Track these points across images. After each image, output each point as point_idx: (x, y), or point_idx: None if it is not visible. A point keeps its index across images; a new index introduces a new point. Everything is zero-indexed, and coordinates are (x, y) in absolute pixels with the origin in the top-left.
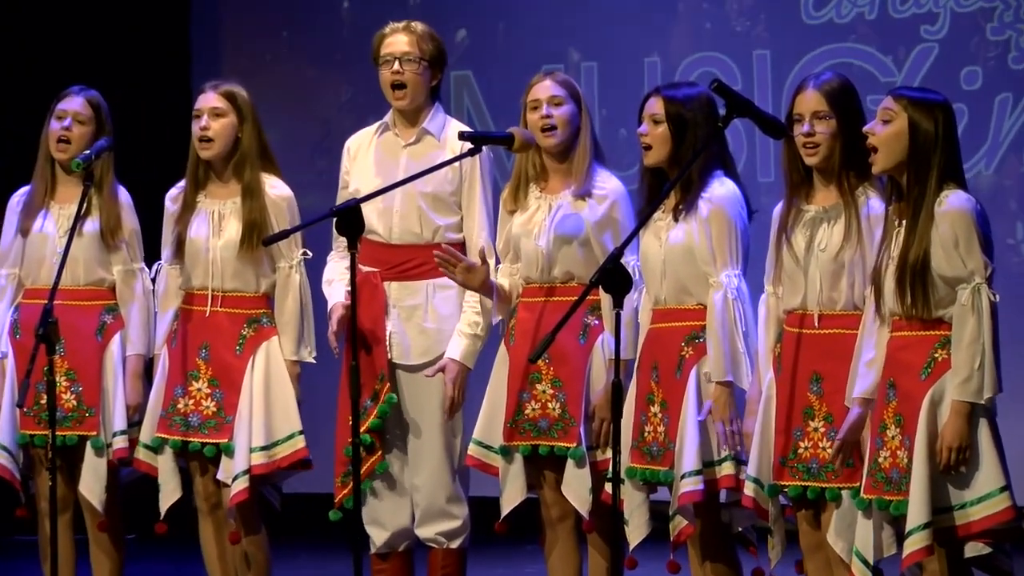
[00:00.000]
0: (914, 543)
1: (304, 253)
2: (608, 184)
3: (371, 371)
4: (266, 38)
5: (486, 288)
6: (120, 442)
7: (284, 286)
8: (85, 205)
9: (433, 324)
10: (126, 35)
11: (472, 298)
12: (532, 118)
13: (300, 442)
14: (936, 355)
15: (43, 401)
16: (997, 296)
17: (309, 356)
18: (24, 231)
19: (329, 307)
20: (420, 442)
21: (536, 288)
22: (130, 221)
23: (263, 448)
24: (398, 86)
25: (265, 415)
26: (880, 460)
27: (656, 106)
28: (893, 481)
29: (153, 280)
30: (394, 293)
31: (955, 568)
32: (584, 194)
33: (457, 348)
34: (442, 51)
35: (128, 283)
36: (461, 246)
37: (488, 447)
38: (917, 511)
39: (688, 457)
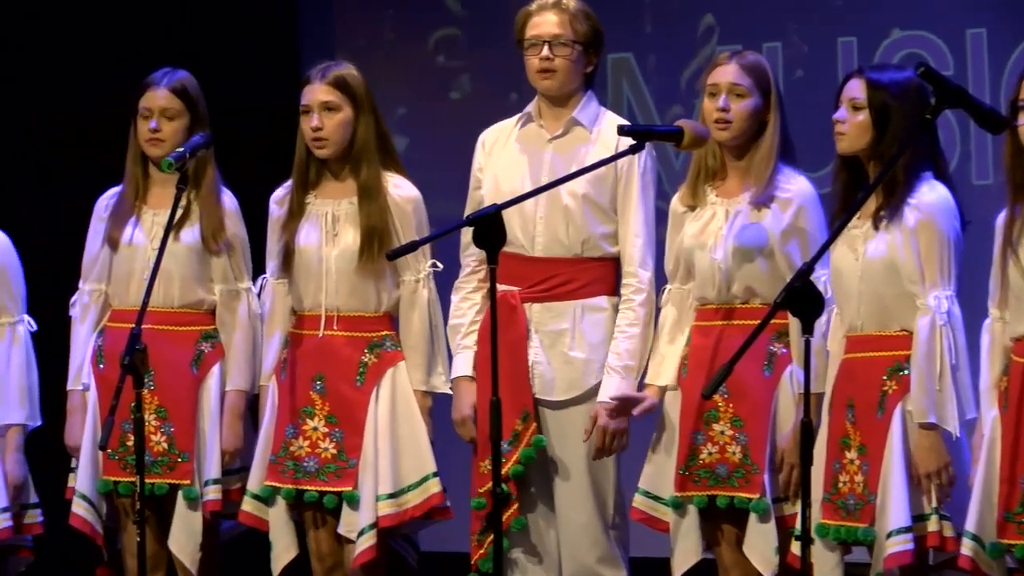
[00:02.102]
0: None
1: (434, 265)
2: (794, 186)
3: (511, 407)
4: (376, 15)
5: None
6: (213, 493)
7: (410, 303)
8: (180, 211)
9: (580, 353)
10: (223, 10)
11: (624, 321)
12: (708, 106)
13: (434, 486)
14: None
15: (130, 443)
16: None
17: (444, 386)
18: (112, 241)
19: (452, 375)
20: (566, 493)
21: (712, 310)
22: (235, 229)
23: (391, 496)
24: (546, 74)
25: (392, 457)
26: None
27: (857, 89)
28: None
29: (258, 298)
30: (536, 316)
31: None
32: (766, 199)
33: (609, 389)
34: (598, 32)
35: (230, 305)
36: (615, 261)
37: (656, 498)
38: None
39: (896, 512)
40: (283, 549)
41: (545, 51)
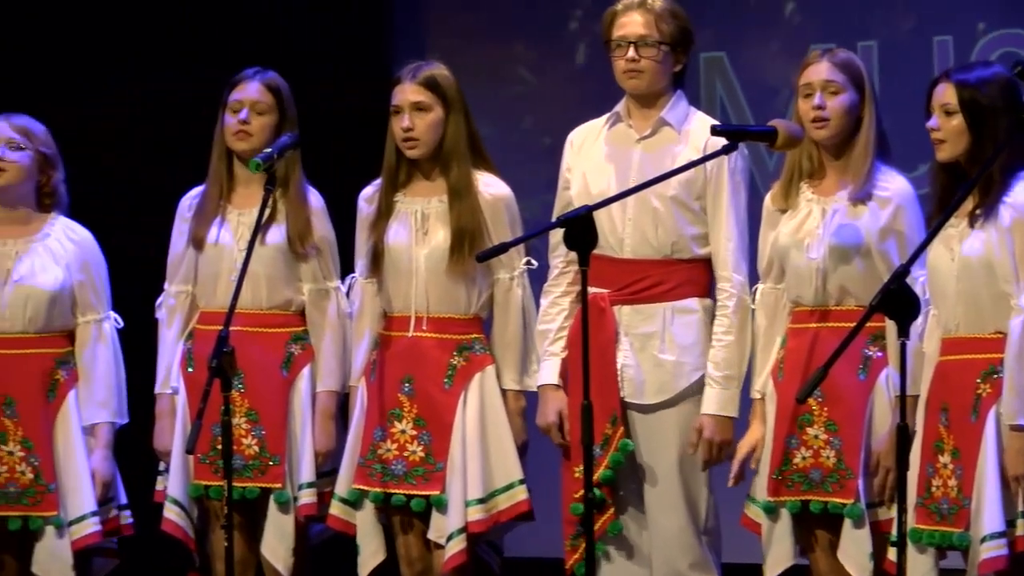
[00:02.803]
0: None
1: (528, 262)
2: (892, 185)
3: (601, 411)
4: (471, 11)
5: None
6: (307, 496)
7: (504, 301)
8: (268, 211)
9: (671, 355)
10: (314, 11)
11: (720, 329)
12: (803, 106)
13: (521, 493)
14: None
15: (220, 447)
16: None
17: (536, 386)
18: (197, 241)
19: (538, 383)
20: (657, 497)
21: (807, 312)
22: (323, 229)
23: (480, 501)
24: (632, 74)
25: (481, 461)
26: None
27: (946, 94)
28: None
29: (347, 298)
30: (625, 319)
31: None
32: (863, 197)
33: (711, 401)
34: (686, 31)
35: (320, 305)
36: (706, 263)
37: (752, 501)
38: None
39: (989, 516)
40: (370, 554)
41: (631, 52)
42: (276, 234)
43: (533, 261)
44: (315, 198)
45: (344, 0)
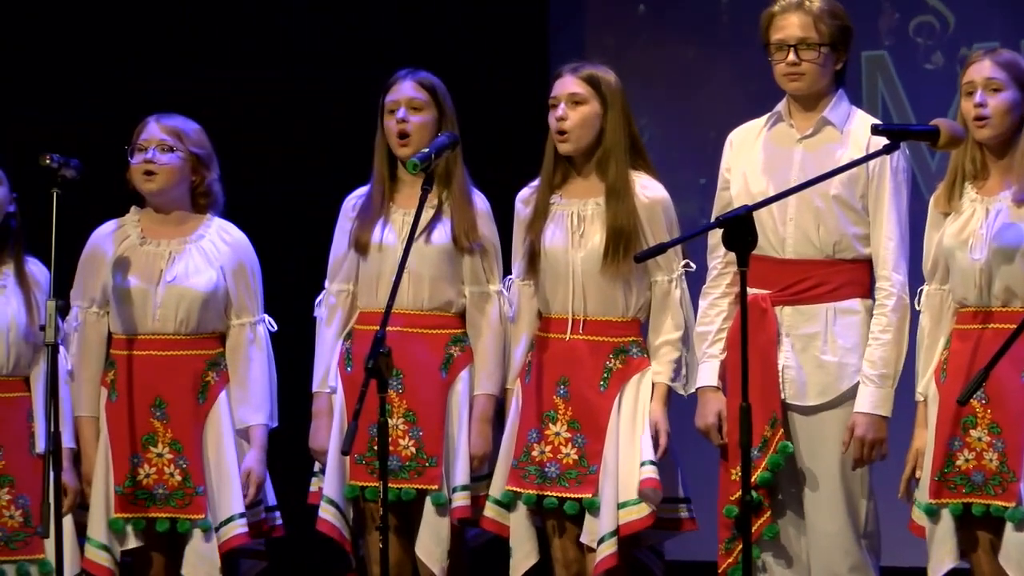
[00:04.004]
0: None
1: (687, 265)
2: None
3: (761, 413)
4: (631, 12)
5: None
6: (461, 499)
7: (662, 304)
8: (432, 211)
9: (833, 357)
10: (471, 10)
11: (877, 327)
12: (965, 105)
13: (684, 511)
14: None
15: (376, 447)
16: None
17: (683, 391)
18: (360, 243)
19: (697, 384)
20: (817, 500)
21: (971, 313)
22: (487, 231)
23: (635, 503)
24: (793, 76)
25: (634, 464)
26: None
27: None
28: None
29: None
30: (787, 319)
31: None
32: None
33: (865, 399)
34: (846, 29)
35: (481, 308)
36: (868, 263)
37: (917, 504)
38: None
39: None
40: (523, 556)
41: (791, 56)
42: (441, 234)
43: (692, 264)
44: (480, 200)
45: (506, 3)
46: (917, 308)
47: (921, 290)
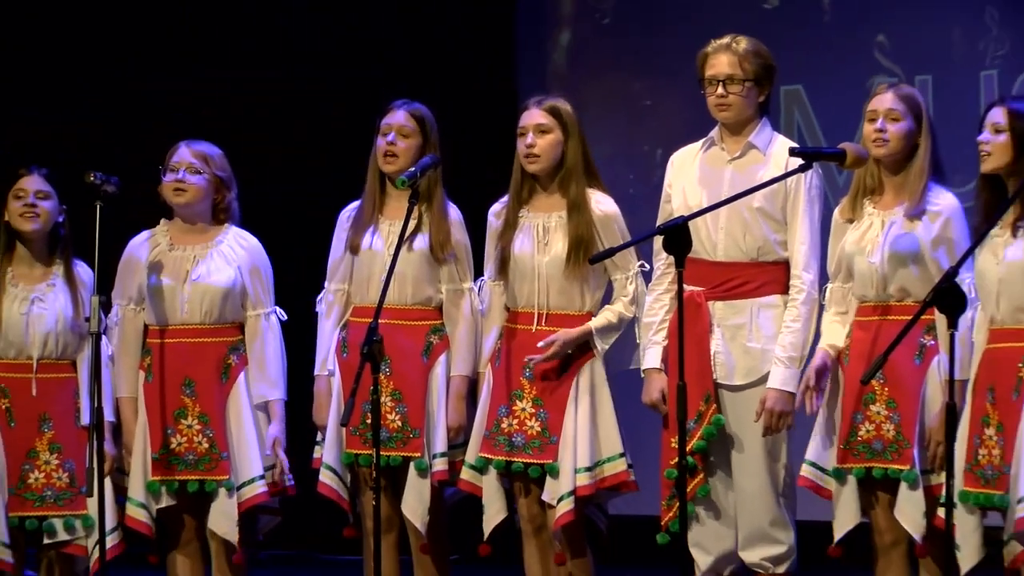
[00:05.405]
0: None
1: (641, 265)
2: (942, 201)
3: (696, 391)
4: (594, 48)
5: None
6: (440, 464)
7: (619, 295)
8: (414, 223)
9: (757, 344)
10: (452, 51)
11: (789, 317)
12: (867, 129)
13: (622, 464)
14: None
15: (369, 420)
16: None
17: (600, 346)
18: (353, 247)
19: (644, 367)
20: (743, 464)
21: (871, 307)
22: (460, 237)
23: (588, 469)
24: (722, 107)
25: (590, 436)
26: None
27: (999, 115)
28: None
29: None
30: (718, 312)
31: None
32: (918, 212)
33: (776, 377)
34: (768, 67)
35: (456, 303)
36: (786, 264)
37: (822, 469)
38: None
39: None
40: (495, 512)
41: (720, 89)
42: (421, 242)
43: (646, 264)
44: (454, 211)
45: (475, 41)
46: (822, 302)
47: (826, 287)
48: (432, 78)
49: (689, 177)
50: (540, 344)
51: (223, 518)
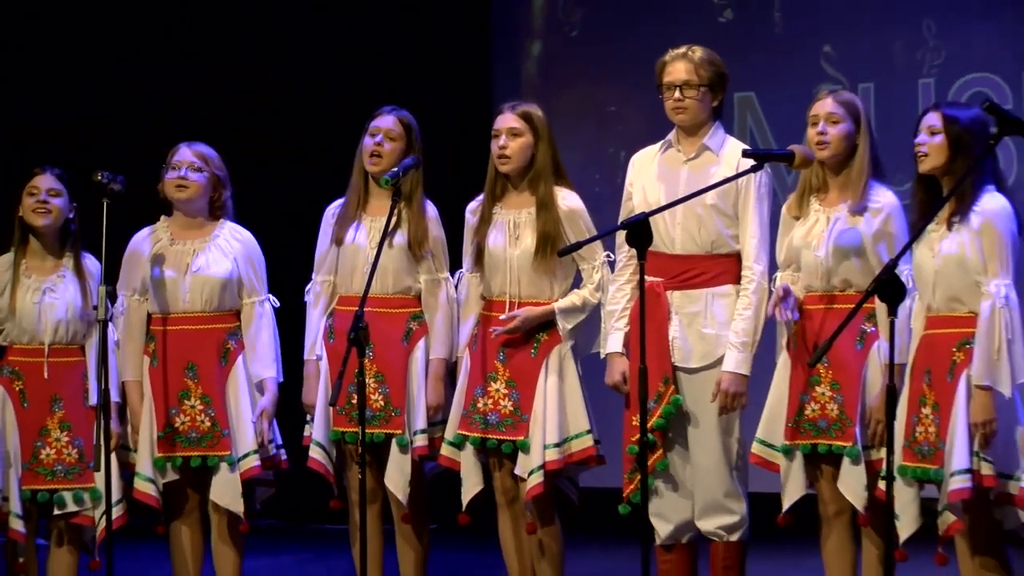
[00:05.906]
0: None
1: (608, 255)
2: (883, 198)
3: (656, 373)
4: (566, 58)
5: None
6: (420, 440)
7: (586, 284)
8: (395, 219)
9: (712, 330)
10: (430, 58)
11: (741, 305)
12: (810, 132)
13: (589, 440)
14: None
15: (354, 401)
16: None
17: (563, 325)
18: (338, 241)
19: (606, 351)
20: (699, 441)
21: (817, 297)
22: (436, 233)
23: (556, 445)
24: (678, 111)
25: (558, 414)
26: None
27: (935, 119)
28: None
29: (456, 288)
30: (676, 301)
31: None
32: (860, 209)
33: (730, 361)
34: (721, 74)
35: (433, 292)
36: (739, 256)
37: (771, 446)
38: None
39: (958, 456)
40: (472, 485)
41: (677, 94)
42: (400, 237)
43: (612, 254)
44: (430, 208)
45: (452, 51)
46: (772, 290)
47: (775, 276)
48: (432, 78)
49: (649, 176)
50: (502, 317)
51: (226, 489)
